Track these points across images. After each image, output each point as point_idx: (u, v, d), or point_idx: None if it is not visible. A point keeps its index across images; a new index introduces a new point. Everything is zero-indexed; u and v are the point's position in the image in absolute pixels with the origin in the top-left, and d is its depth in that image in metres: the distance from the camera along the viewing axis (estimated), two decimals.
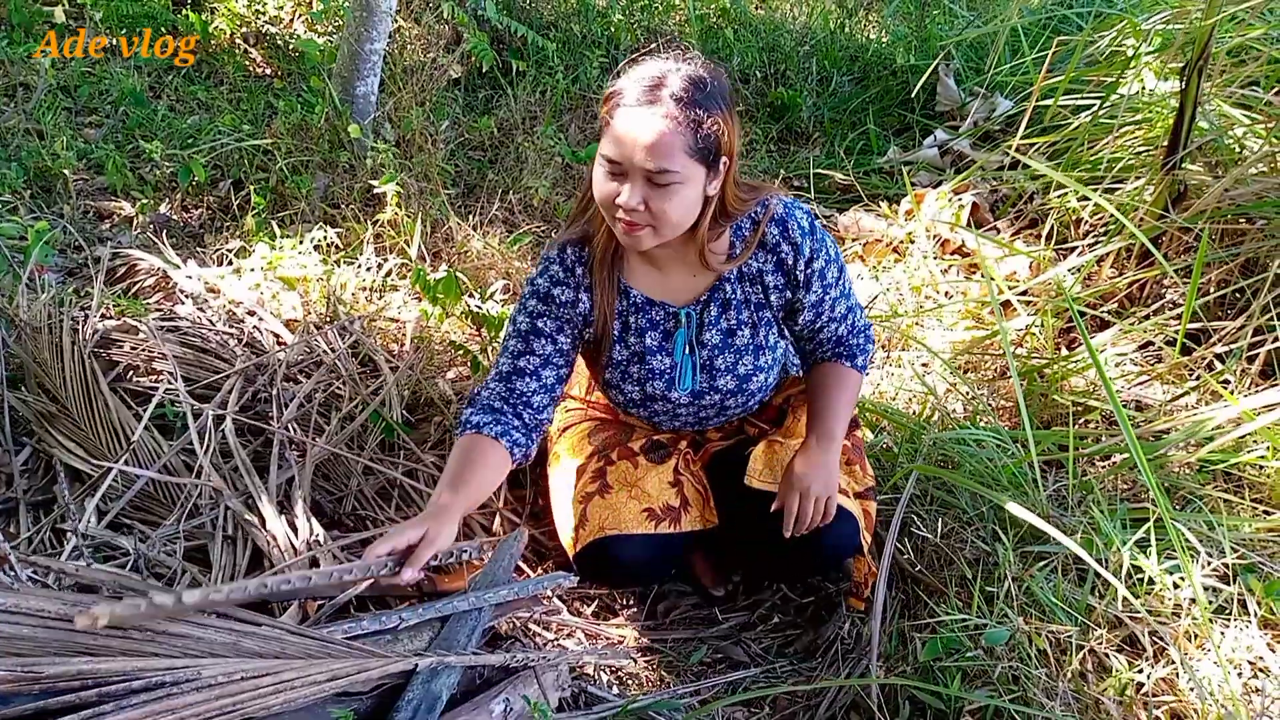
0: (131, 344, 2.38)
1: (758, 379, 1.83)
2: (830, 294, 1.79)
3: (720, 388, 1.81)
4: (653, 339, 1.78)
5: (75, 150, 3.65)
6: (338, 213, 3.24)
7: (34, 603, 1.27)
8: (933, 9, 5.20)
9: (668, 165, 1.49)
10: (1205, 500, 2.18)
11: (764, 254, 1.73)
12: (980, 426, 2.39)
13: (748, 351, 1.79)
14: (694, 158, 1.52)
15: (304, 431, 2.18)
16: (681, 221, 1.58)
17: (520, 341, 1.74)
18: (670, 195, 1.52)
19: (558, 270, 1.74)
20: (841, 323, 1.85)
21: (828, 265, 1.76)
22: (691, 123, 1.50)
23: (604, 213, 1.61)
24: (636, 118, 1.49)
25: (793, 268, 1.74)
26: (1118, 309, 2.87)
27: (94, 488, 1.95)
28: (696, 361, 1.79)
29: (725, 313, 1.77)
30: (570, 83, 4.25)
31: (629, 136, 1.50)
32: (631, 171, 1.51)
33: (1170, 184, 2.80)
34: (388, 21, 3.54)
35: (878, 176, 3.97)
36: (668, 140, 1.49)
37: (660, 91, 1.50)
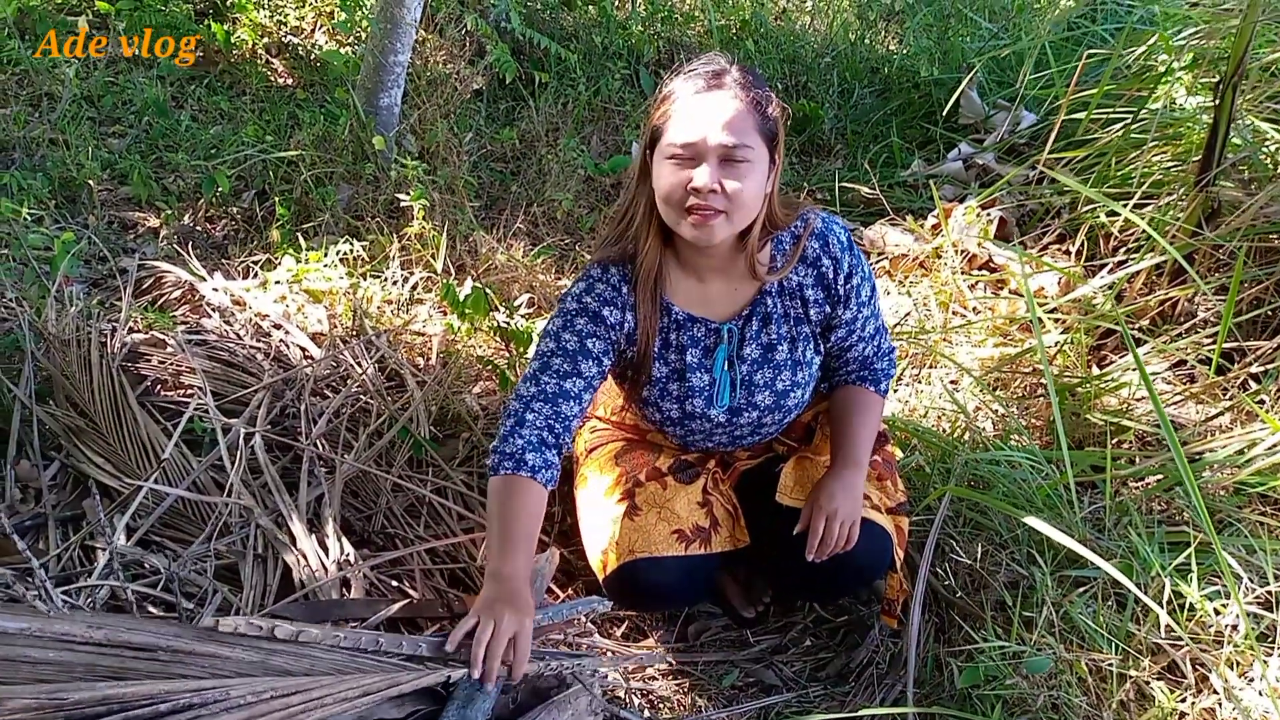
0: (159, 358, 2.38)
1: (794, 395, 1.82)
2: (863, 312, 1.80)
3: (758, 404, 1.80)
4: (693, 355, 1.76)
5: (100, 160, 3.66)
6: (362, 224, 3.23)
7: (60, 627, 1.27)
8: (955, 21, 5.18)
9: (744, 140, 1.53)
10: (1243, 524, 2.15)
11: (805, 268, 1.73)
12: (1012, 446, 2.36)
13: (786, 367, 1.79)
14: (763, 138, 1.57)
15: (332, 448, 2.17)
16: (752, 206, 1.59)
17: (567, 361, 1.67)
18: (744, 175, 1.54)
19: (605, 289, 1.71)
20: (869, 342, 1.85)
21: (863, 283, 1.77)
22: (757, 103, 1.56)
23: (671, 211, 1.58)
24: (707, 100, 1.54)
25: (833, 282, 1.74)
26: (1150, 326, 2.84)
27: (123, 504, 1.93)
28: (736, 377, 1.77)
29: (765, 327, 1.76)
30: (592, 94, 4.24)
31: (703, 117, 1.53)
32: (707, 153, 1.53)
33: (1204, 200, 2.77)
34: (411, 34, 3.53)
35: (902, 190, 3.94)
36: (742, 116, 1.54)
37: (724, 78, 1.57)
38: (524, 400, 1.67)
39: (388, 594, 1.84)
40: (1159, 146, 3.23)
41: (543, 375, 1.68)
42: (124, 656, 1.22)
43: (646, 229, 1.66)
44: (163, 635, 1.32)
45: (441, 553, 2.01)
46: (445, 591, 1.93)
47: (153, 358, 2.38)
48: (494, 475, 1.61)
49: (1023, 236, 3.35)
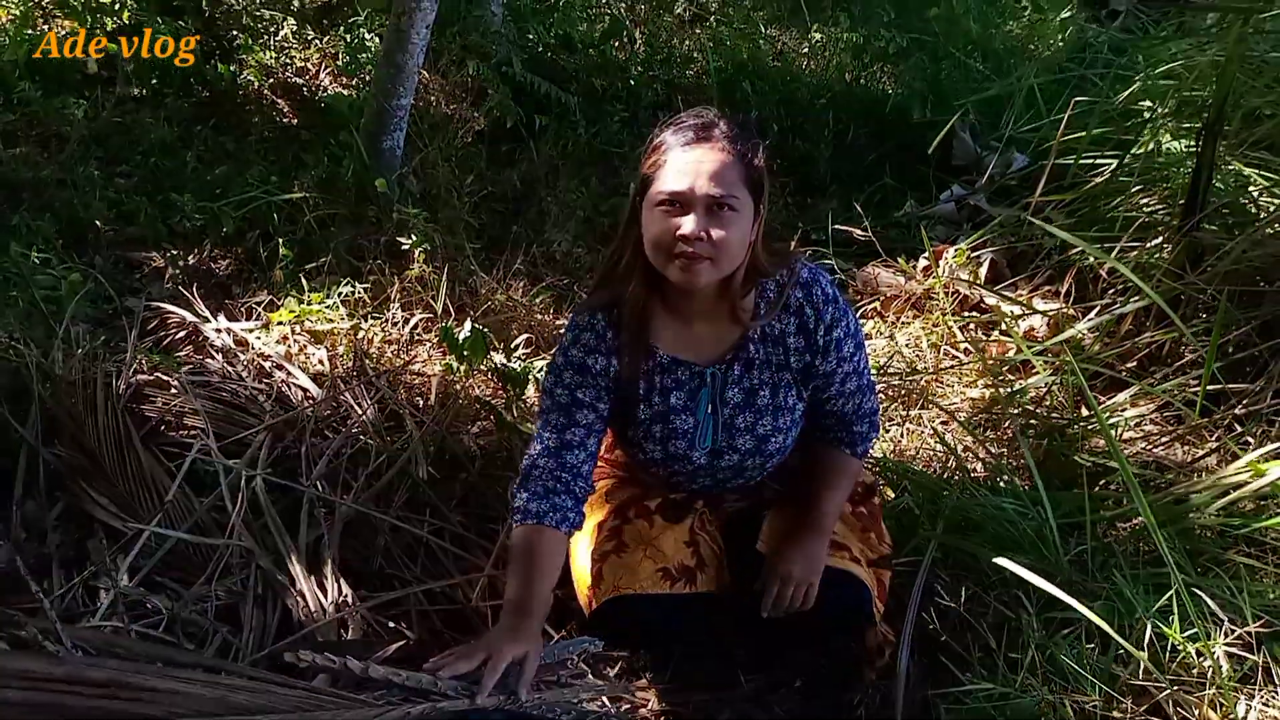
0: (164, 399, 2.43)
1: (776, 440, 1.84)
2: (844, 367, 1.81)
3: (739, 447, 1.82)
4: (678, 398, 1.79)
5: (106, 200, 3.73)
6: (364, 265, 3.29)
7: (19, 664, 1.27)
8: (947, 64, 5.28)
9: (730, 191, 1.59)
10: (1228, 566, 2.18)
11: (787, 316, 1.76)
12: (1001, 486, 2.40)
13: (767, 412, 1.81)
14: (748, 189, 1.62)
15: (332, 489, 2.21)
16: (737, 253, 1.64)
17: (562, 415, 1.76)
18: (729, 223, 1.59)
19: (590, 338, 1.76)
20: (849, 399, 1.86)
21: (846, 338, 1.79)
22: (743, 155, 1.62)
23: (659, 255, 1.64)
24: (695, 153, 1.60)
25: (814, 331, 1.76)
26: (1137, 368, 2.89)
27: (127, 545, 1.97)
28: (719, 421, 1.80)
29: (748, 372, 1.79)
30: (591, 137, 4.32)
31: (691, 168, 1.59)
32: (694, 202, 1.58)
33: (1188, 245, 2.83)
34: (414, 78, 3.62)
35: (895, 230, 4.01)
36: (728, 168, 1.59)
37: (713, 130, 1.63)
38: (531, 458, 1.77)
39: (385, 635, 1.87)
40: (1145, 190, 3.30)
41: (544, 431, 1.77)
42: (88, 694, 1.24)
43: (633, 273, 1.72)
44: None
45: (439, 594, 2.05)
46: (442, 632, 1.97)
47: (157, 399, 2.42)
48: (514, 531, 1.73)
49: (1013, 278, 3.41)
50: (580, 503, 1.76)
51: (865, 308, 3.39)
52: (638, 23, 5.74)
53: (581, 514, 1.77)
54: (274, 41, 5.28)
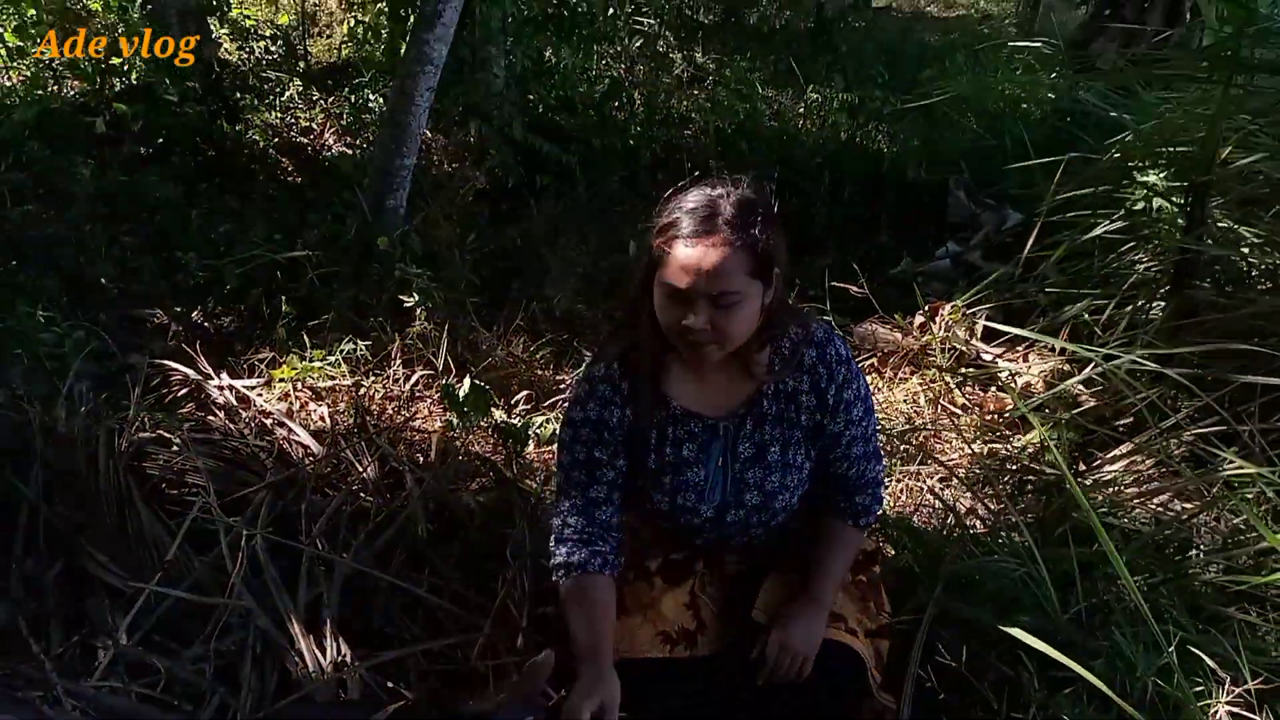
0: (165, 456, 2.43)
1: (782, 498, 1.83)
2: (850, 430, 1.81)
3: (746, 503, 1.82)
4: (689, 450, 1.79)
5: (111, 258, 3.77)
6: (365, 322, 3.32)
7: None
8: (942, 123, 5.37)
9: (732, 286, 1.58)
10: (1228, 622, 2.17)
11: (801, 374, 1.77)
12: (1000, 543, 2.40)
13: (776, 469, 1.80)
14: (752, 275, 1.61)
15: (332, 547, 2.22)
16: (744, 333, 1.65)
17: (584, 473, 1.77)
18: (734, 314, 1.60)
19: (606, 390, 1.77)
20: (854, 465, 1.84)
21: (856, 400, 1.79)
22: (747, 245, 1.59)
23: (669, 335, 1.67)
24: (696, 249, 1.58)
25: (825, 390, 1.77)
26: (1133, 423, 2.90)
27: (126, 604, 1.97)
28: (729, 475, 1.80)
29: (760, 427, 1.79)
30: (591, 195, 4.38)
31: (691, 266, 1.58)
32: (697, 299, 1.59)
33: (1181, 302, 2.86)
34: (417, 139, 3.68)
35: (891, 287, 4.04)
36: (729, 266, 1.57)
37: (715, 221, 1.59)
38: (560, 516, 1.79)
39: (384, 695, 1.86)
40: (1137, 247, 3.34)
41: (569, 489, 1.79)
42: None
43: (648, 329, 1.72)
44: None
45: (438, 653, 2.04)
46: (441, 691, 1.96)
47: (159, 456, 2.43)
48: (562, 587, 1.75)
49: (1009, 334, 3.43)
50: (616, 549, 1.79)
51: (863, 363, 3.42)
52: (637, 84, 5.86)
53: (620, 558, 1.79)
54: (279, 101, 5.39)
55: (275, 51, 6.05)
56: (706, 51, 7.57)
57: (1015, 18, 12.51)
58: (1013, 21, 12.22)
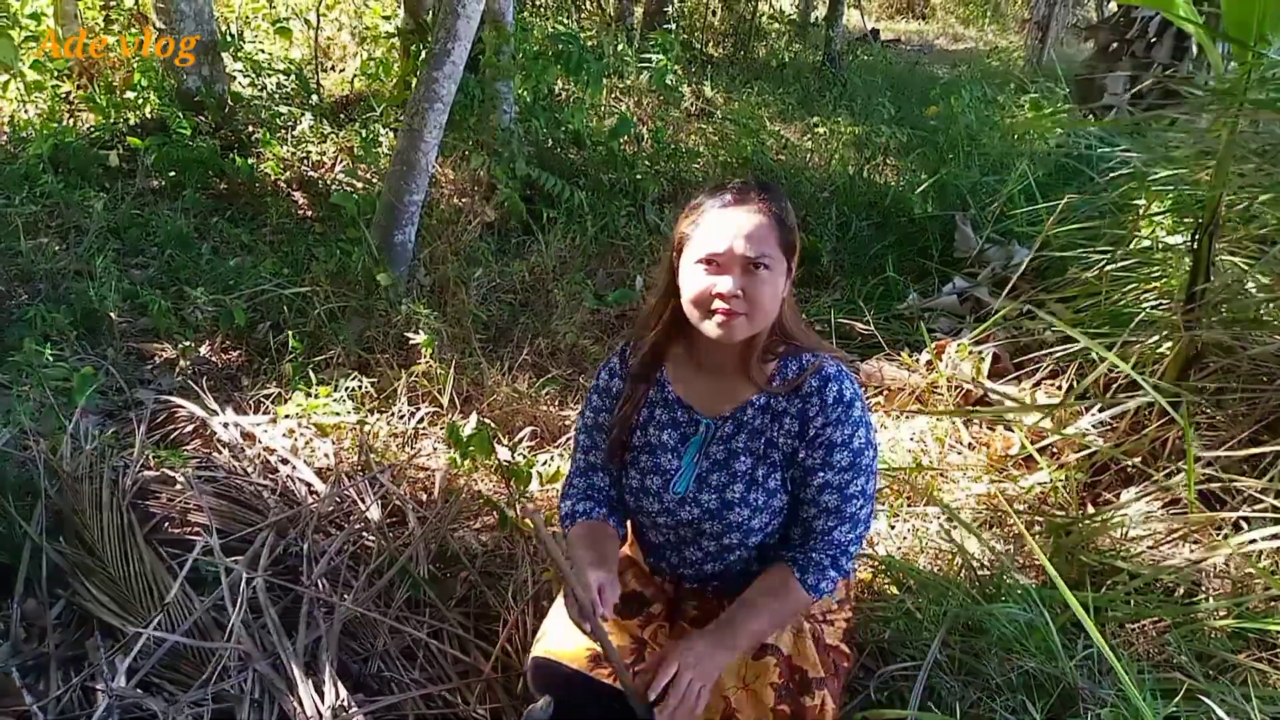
0: (169, 495, 2.44)
1: (739, 512, 1.78)
2: (826, 474, 1.74)
3: (703, 503, 1.78)
4: (669, 437, 1.82)
5: (121, 292, 3.79)
6: (372, 359, 3.33)
7: None
8: (950, 158, 5.38)
9: (766, 250, 1.64)
10: (1239, 670, 2.14)
11: (796, 399, 1.76)
12: (1007, 585, 2.38)
13: (740, 479, 1.78)
14: (781, 249, 1.67)
15: (333, 587, 2.21)
16: (771, 309, 1.70)
17: (588, 437, 1.89)
18: (764, 282, 1.65)
19: (616, 363, 1.88)
20: (821, 515, 1.75)
21: (841, 446, 1.73)
22: (777, 216, 1.67)
23: (697, 310, 1.70)
24: (733, 214, 1.66)
25: (810, 421, 1.75)
26: (1142, 463, 2.88)
27: (126, 646, 1.97)
28: (698, 471, 1.80)
29: (737, 434, 1.79)
30: (599, 230, 4.40)
31: (729, 229, 1.65)
32: (730, 261, 1.65)
33: (1188, 341, 2.85)
34: (426, 176, 3.71)
35: (898, 322, 4.04)
36: (764, 229, 1.65)
37: (749, 193, 1.68)
38: (567, 479, 1.94)
39: None
40: (1145, 284, 3.32)
41: (576, 453, 1.93)
42: None
43: (659, 316, 1.81)
44: None
45: (437, 697, 2.03)
46: None
47: (162, 495, 2.44)
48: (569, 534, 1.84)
49: (1016, 371, 3.43)
50: (615, 514, 1.87)
51: (869, 400, 3.41)
52: (645, 119, 5.90)
53: (622, 523, 1.87)
54: (291, 135, 5.44)
55: (288, 86, 6.12)
56: (715, 85, 7.62)
57: (1023, 51, 12.58)
58: (1021, 54, 12.28)
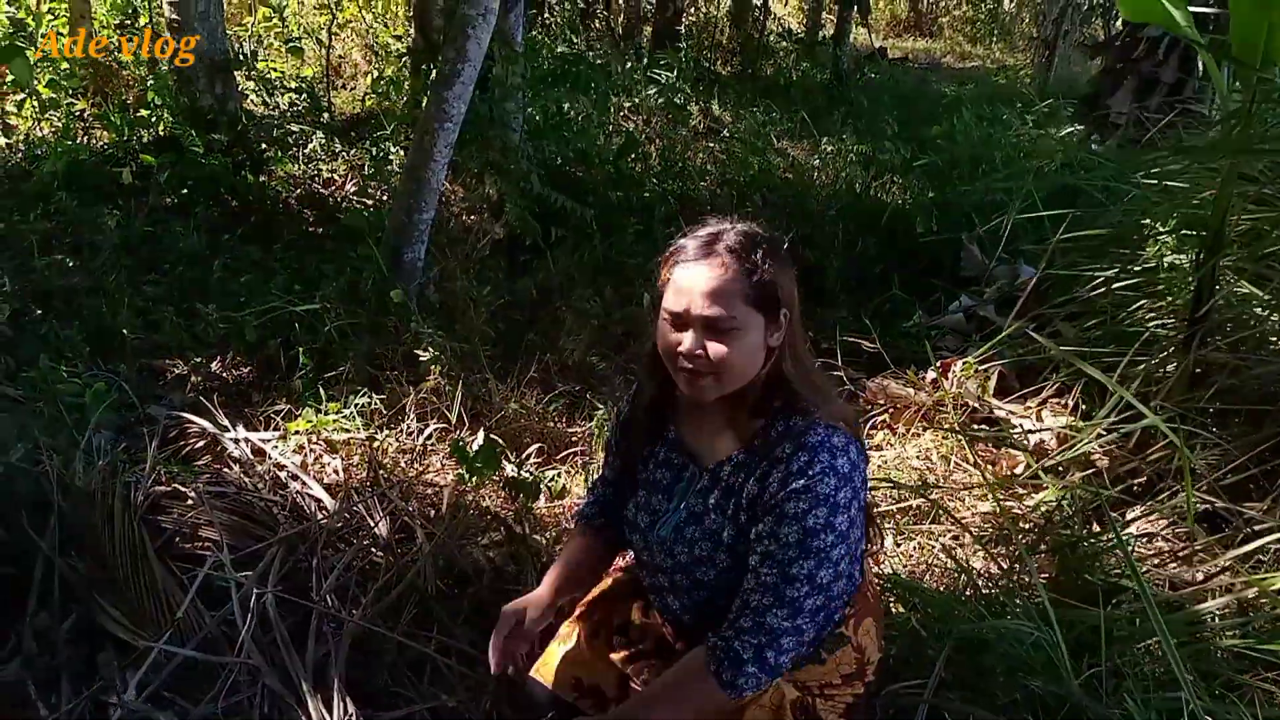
0: (180, 510, 2.46)
1: (705, 571, 1.68)
2: (770, 546, 1.56)
3: (675, 554, 1.71)
4: (663, 476, 1.76)
5: (134, 309, 3.83)
6: (381, 375, 3.36)
7: None
8: (954, 176, 5.41)
9: (725, 311, 1.54)
10: (1245, 690, 2.15)
11: (768, 463, 1.60)
12: (1013, 604, 2.38)
13: (708, 537, 1.67)
14: (751, 305, 1.56)
15: (342, 603, 2.23)
16: (743, 370, 1.59)
17: (608, 454, 1.96)
18: (730, 342, 1.55)
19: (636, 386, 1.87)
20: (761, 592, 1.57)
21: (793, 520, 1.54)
22: (746, 270, 1.55)
23: (668, 365, 1.63)
24: (695, 270, 1.56)
25: (768, 485, 1.58)
26: (1147, 483, 2.89)
27: (137, 661, 1.99)
28: (679, 520, 1.72)
29: (713, 489, 1.69)
30: (607, 248, 4.43)
31: (688, 287, 1.56)
32: (692, 321, 1.56)
33: (1192, 362, 2.86)
34: (436, 194, 3.74)
35: (904, 340, 4.05)
36: (725, 288, 1.54)
37: (717, 245, 1.57)
38: (590, 485, 2.06)
39: None
40: (1149, 304, 3.34)
41: (602, 465, 2.01)
42: None
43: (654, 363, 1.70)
44: None
45: (444, 713, 2.04)
46: None
47: (174, 510, 2.46)
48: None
49: (1022, 390, 3.44)
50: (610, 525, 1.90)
51: (875, 419, 3.42)
52: (652, 138, 5.94)
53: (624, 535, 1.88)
54: (302, 153, 5.49)
55: (299, 103, 6.18)
56: (723, 104, 7.67)
57: (1030, 69, 12.62)
58: (1028, 72, 12.33)
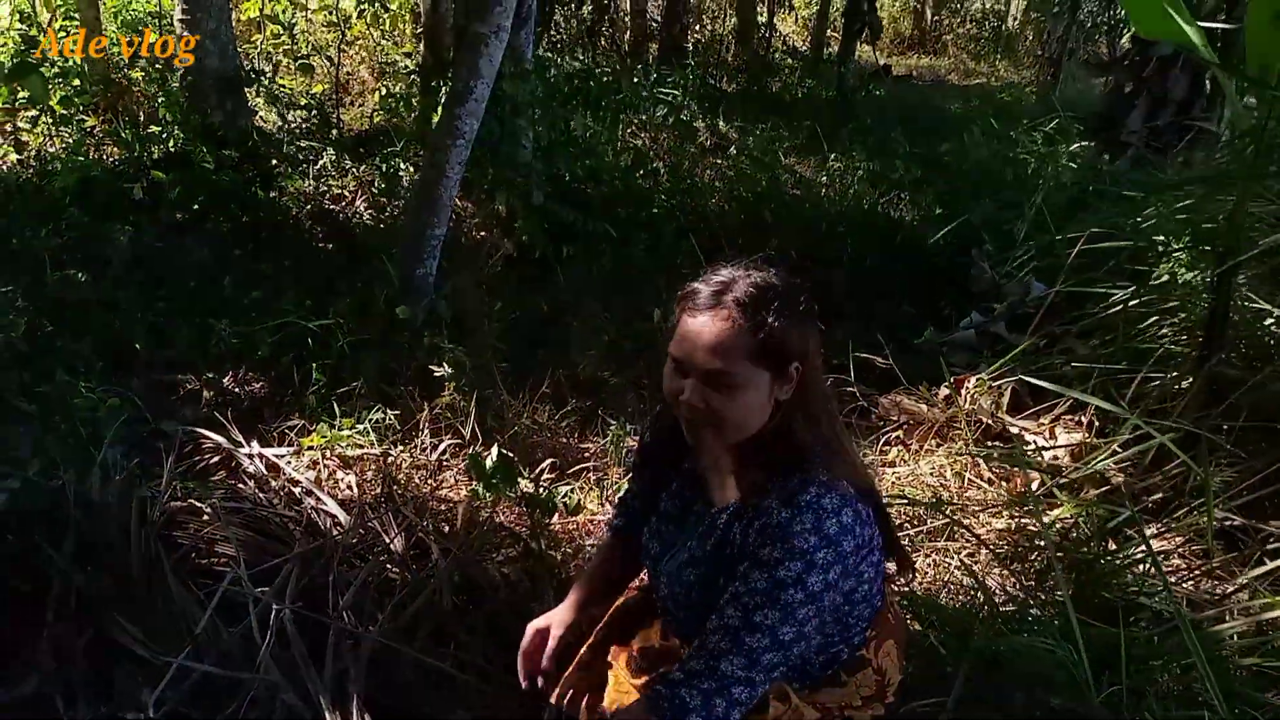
0: (196, 525, 2.46)
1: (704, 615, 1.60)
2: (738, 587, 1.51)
3: (675, 594, 1.68)
4: (673, 507, 1.75)
5: (146, 324, 3.84)
6: (394, 390, 3.36)
7: None
8: (962, 192, 5.42)
9: (726, 367, 1.49)
10: (1266, 709, 2.13)
11: (757, 514, 1.54)
12: (1031, 621, 2.38)
13: (704, 583, 1.62)
14: (755, 362, 1.50)
15: (359, 619, 2.22)
16: (743, 424, 1.54)
17: (628, 474, 1.99)
18: (731, 397, 1.51)
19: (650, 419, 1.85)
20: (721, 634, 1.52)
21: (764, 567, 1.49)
22: (753, 326, 1.49)
23: (670, 405, 1.61)
24: (700, 320, 1.51)
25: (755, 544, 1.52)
26: (1163, 500, 2.88)
27: (154, 676, 1.98)
28: (682, 558, 1.68)
29: (711, 535, 1.64)
30: (617, 263, 4.44)
31: (692, 336, 1.52)
32: (691, 370, 1.52)
33: (1208, 379, 2.85)
34: (448, 210, 3.75)
35: (915, 357, 4.05)
36: (727, 343, 1.49)
37: (725, 296, 1.51)
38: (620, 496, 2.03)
39: None
40: (1165, 319, 3.34)
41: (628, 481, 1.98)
42: None
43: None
44: None
45: None
46: None
47: (190, 525, 2.46)
48: None
49: (1035, 407, 3.43)
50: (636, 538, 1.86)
51: (888, 435, 3.41)
52: (661, 155, 5.96)
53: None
54: (313, 169, 5.52)
55: (309, 120, 6.21)
56: (729, 121, 7.70)
57: (1035, 86, 12.66)
58: (1033, 90, 12.36)
